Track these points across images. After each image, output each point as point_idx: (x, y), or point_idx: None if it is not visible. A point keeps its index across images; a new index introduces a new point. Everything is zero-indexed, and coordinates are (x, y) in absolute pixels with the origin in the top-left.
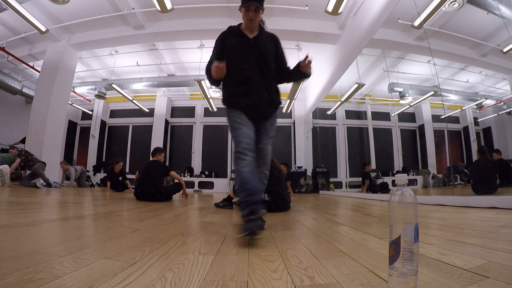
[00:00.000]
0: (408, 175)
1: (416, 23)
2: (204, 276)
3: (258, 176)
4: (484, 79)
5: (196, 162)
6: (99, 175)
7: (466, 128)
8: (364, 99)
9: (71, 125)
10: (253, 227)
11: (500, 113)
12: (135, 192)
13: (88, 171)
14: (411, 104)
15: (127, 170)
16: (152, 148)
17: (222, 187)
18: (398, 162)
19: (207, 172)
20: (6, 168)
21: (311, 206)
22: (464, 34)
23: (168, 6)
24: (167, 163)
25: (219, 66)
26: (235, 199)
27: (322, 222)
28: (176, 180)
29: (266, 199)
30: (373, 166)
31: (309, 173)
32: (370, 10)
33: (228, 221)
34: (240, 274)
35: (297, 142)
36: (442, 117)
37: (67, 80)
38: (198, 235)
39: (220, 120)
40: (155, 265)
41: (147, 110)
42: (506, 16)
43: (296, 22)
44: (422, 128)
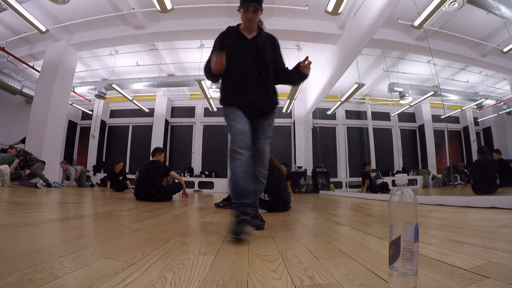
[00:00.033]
0: (408, 175)
1: (416, 23)
2: (204, 276)
3: (257, 175)
4: (484, 79)
5: (196, 162)
6: (99, 175)
7: (466, 128)
8: (364, 99)
9: (71, 125)
10: (239, 229)
11: (500, 113)
12: (135, 192)
13: (88, 171)
14: (411, 104)
15: (127, 170)
16: (152, 148)
17: (222, 187)
18: (398, 162)
19: (207, 172)
20: (6, 168)
21: (311, 206)
22: (464, 34)
23: (168, 6)
24: (167, 163)
25: (219, 59)
26: None
27: (322, 222)
28: (176, 180)
29: (266, 199)
30: (373, 166)
31: (309, 173)
32: (370, 10)
33: (228, 221)
34: (240, 274)
35: (297, 142)
36: (442, 117)
37: (67, 80)
38: (198, 235)
39: (220, 120)
40: (155, 265)
41: (147, 110)
42: (506, 16)
43: (296, 22)
44: (422, 128)
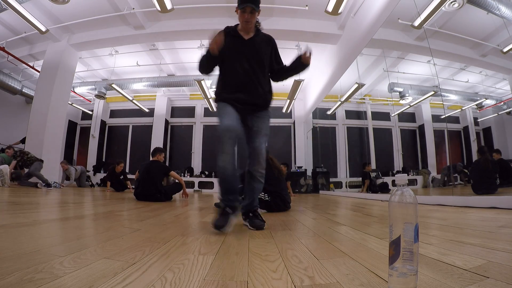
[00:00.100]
0: (408, 175)
1: (416, 23)
2: (204, 276)
3: (254, 174)
4: (484, 79)
5: (196, 162)
6: (99, 175)
7: (466, 128)
8: (364, 99)
9: (71, 125)
10: (221, 223)
11: (500, 113)
12: (135, 192)
13: (88, 171)
14: (411, 104)
15: (127, 170)
16: (152, 148)
17: None
18: (398, 162)
19: (207, 172)
20: (6, 168)
21: (311, 206)
22: (464, 34)
23: (168, 6)
24: (167, 163)
25: (217, 37)
26: None
27: (322, 222)
28: (176, 180)
29: (266, 199)
30: (373, 166)
31: (309, 173)
32: (370, 10)
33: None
34: (240, 274)
35: (297, 142)
36: (442, 117)
37: (67, 80)
38: (198, 235)
39: None
40: (155, 265)
41: (147, 110)
42: (506, 16)
43: (296, 22)
44: (422, 128)
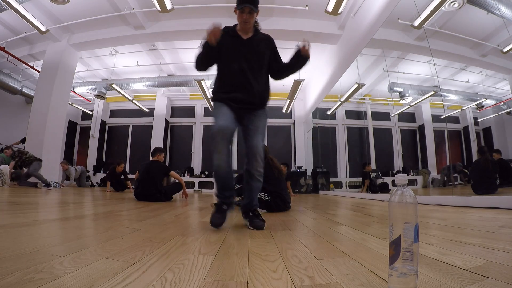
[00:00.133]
0: (408, 175)
1: (416, 23)
2: (204, 276)
3: (252, 173)
4: (484, 79)
5: (196, 162)
6: (99, 175)
7: (466, 128)
8: (364, 99)
9: (71, 125)
10: (218, 220)
11: (500, 113)
12: (135, 192)
13: (88, 171)
14: (411, 104)
15: (127, 170)
16: (152, 148)
17: None
18: (398, 162)
19: (207, 172)
20: (6, 168)
21: (311, 206)
22: (464, 34)
23: (168, 6)
24: (167, 163)
25: (215, 28)
26: (237, 199)
27: (322, 222)
28: (176, 180)
29: (266, 199)
30: (373, 166)
31: (309, 173)
32: (370, 10)
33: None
34: (240, 274)
35: (297, 142)
36: (442, 117)
37: (67, 80)
38: (198, 235)
39: None
40: (155, 265)
41: (147, 110)
42: (506, 16)
43: (296, 22)
44: (422, 128)
